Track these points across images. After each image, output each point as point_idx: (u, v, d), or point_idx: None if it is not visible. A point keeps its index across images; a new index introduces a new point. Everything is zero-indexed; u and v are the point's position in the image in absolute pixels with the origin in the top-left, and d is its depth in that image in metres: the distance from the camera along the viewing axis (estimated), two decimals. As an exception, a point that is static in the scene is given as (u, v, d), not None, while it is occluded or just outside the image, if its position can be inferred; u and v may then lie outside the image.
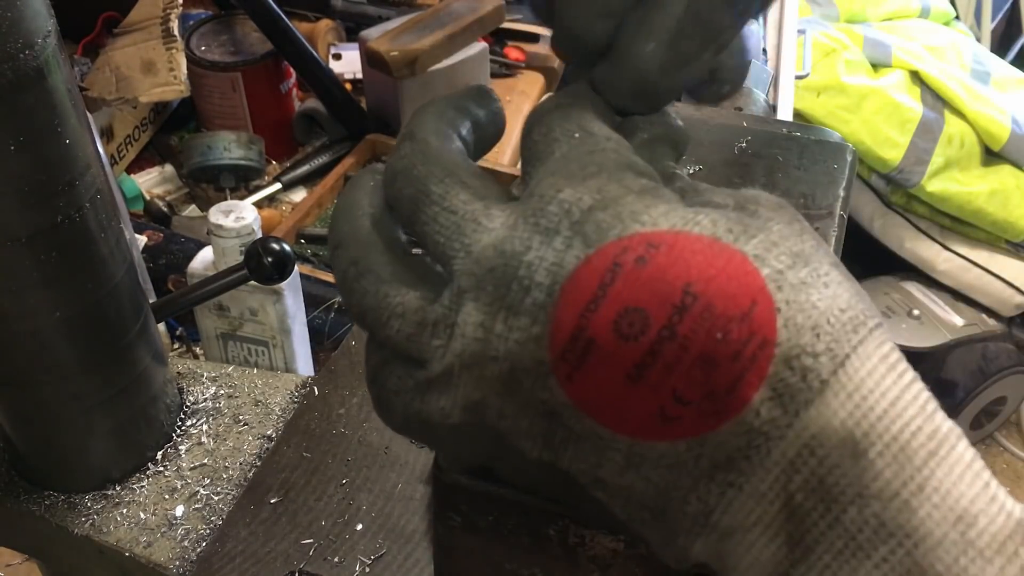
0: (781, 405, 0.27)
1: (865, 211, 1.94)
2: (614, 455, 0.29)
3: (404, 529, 0.57)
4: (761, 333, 0.27)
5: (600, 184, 0.29)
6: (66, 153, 0.51)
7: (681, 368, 0.27)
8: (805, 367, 0.27)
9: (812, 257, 0.29)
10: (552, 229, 0.29)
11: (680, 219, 0.28)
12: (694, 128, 0.68)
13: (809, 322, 0.27)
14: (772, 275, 0.28)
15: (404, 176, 0.32)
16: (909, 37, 1.94)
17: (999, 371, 1.93)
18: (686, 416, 0.28)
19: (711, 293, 0.27)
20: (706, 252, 0.28)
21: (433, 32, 1.53)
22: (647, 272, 0.28)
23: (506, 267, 0.29)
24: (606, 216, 0.29)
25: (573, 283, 0.28)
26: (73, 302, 0.55)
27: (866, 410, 0.27)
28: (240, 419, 0.67)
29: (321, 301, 1.27)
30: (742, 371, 0.27)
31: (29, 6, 0.46)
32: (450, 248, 0.30)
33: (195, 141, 1.56)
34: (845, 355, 0.27)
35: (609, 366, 0.28)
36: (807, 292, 0.28)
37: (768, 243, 0.28)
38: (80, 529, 0.61)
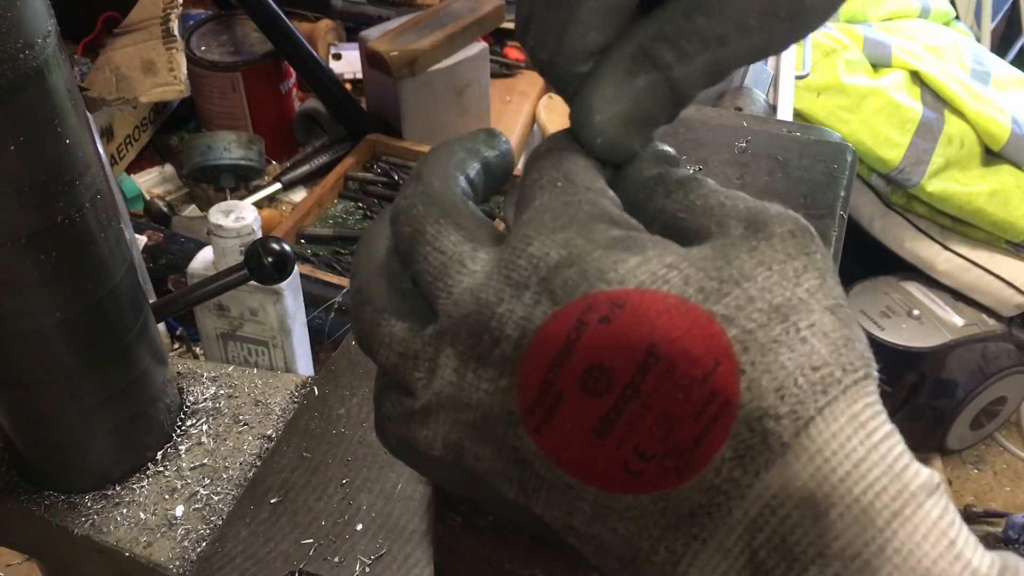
0: (742, 465, 0.28)
1: (865, 211, 1.94)
2: (583, 504, 0.30)
3: (404, 529, 0.57)
4: (723, 395, 0.28)
5: (568, 238, 0.30)
6: (66, 153, 0.51)
7: (644, 425, 0.28)
8: (767, 429, 0.28)
9: (797, 308, 0.29)
10: (522, 283, 0.30)
11: (648, 276, 0.29)
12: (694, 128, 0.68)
13: (774, 384, 0.28)
14: (739, 335, 0.28)
15: (405, 215, 0.33)
16: (909, 37, 1.94)
17: (999, 371, 1.93)
18: (649, 471, 0.28)
19: (673, 354, 0.28)
20: (671, 312, 0.28)
21: (433, 32, 1.53)
22: (611, 331, 0.28)
23: (479, 315, 0.30)
24: (572, 273, 0.29)
25: (541, 338, 0.29)
26: (73, 302, 0.55)
27: (828, 472, 0.27)
28: (240, 419, 0.67)
29: (321, 301, 1.27)
30: (703, 431, 0.28)
31: (29, 6, 0.46)
32: (435, 287, 0.32)
33: (195, 141, 1.56)
34: (809, 417, 0.28)
35: (576, 420, 0.29)
36: (776, 352, 0.28)
37: (744, 299, 0.29)
38: (80, 529, 0.61)
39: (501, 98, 1.75)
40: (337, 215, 1.55)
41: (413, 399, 0.32)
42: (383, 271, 0.34)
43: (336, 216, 1.55)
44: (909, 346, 1.87)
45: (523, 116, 1.73)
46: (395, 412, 0.33)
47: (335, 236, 1.49)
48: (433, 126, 1.62)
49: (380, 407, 0.34)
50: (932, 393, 1.93)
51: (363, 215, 1.54)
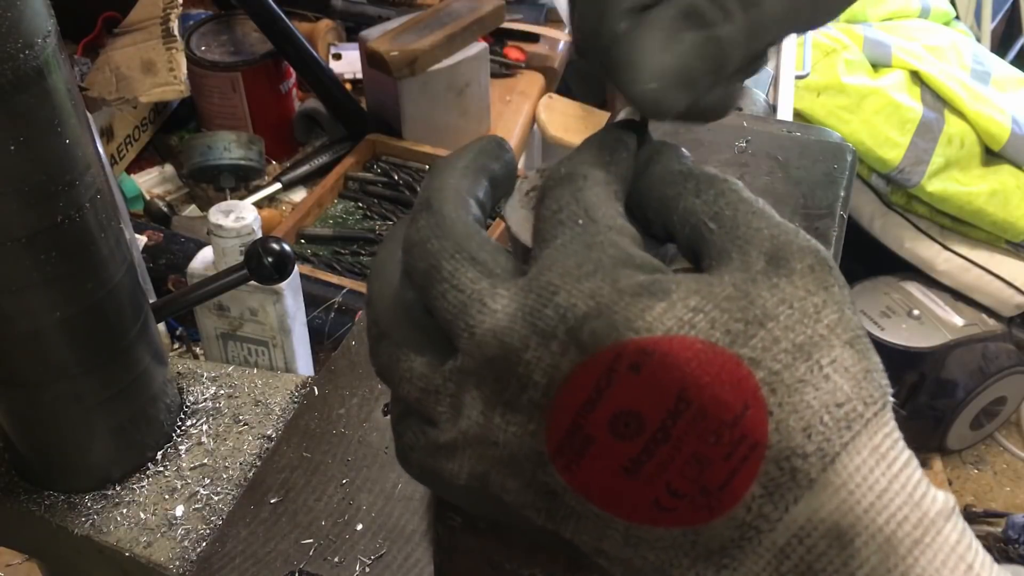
0: (771, 501, 0.29)
1: (865, 211, 1.94)
2: (614, 534, 0.31)
3: (404, 529, 0.57)
4: (752, 436, 0.29)
5: (594, 288, 0.30)
6: (66, 153, 0.51)
7: (675, 466, 0.29)
8: (795, 468, 0.29)
9: (819, 345, 0.30)
10: (549, 332, 0.30)
11: (675, 322, 0.29)
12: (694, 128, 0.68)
13: (801, 424, 0.29)
14: (766, 378, 0.29)
15: (419, 249, 0.33)
16: (909, 37, 1.93)
17: (999, 371, 1.93)
18: (680, 507, 0.29)
19: (703, 399, 0.29)
20: (699, 358, 0.29)
21: (433, 32, 1.53)
22: (641, 379, 0.29)
23: (506, 360, 0.30)
24: (600, 324, 0.29)
25: (570, 386, 0.30)
26: (73, 302, 0.55)
27: (852, 504, 0.28)
28: (240, 419, 0.67)
29: (321, 301, 1.27)
30: (734, 470, 0.29)
31: (29, 6, 0.46)
32: (455, 325, 0.32)
33: (195, 141, 1.56)
34: (835, 453, 0.29)
35: (605, 460, 0.30)
36: (802, 392, 0.29)
37: (769, 340, 0.29)
38: (80, 529, 0.61)
39: (501, 98, 1.75)
40: (337, 215, 1.55)
41: (437, 431, 0.33)
42: (399, 302, 0.34)
43: (336, 216, 1.55)
44: (909, 346, 1.87)
45: (523, 116, 1.73)
46: (418, 443, 0.34)
47: (335, 236, 1.48)
48: (433, 126, 1.62)
49: (401, 436, 0.35)
50: (932, 393, 1.92)
51: (363, 215, 1.54)
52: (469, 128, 1.66)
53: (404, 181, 1.56)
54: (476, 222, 0.34)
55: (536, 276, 0.31)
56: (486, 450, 0.32)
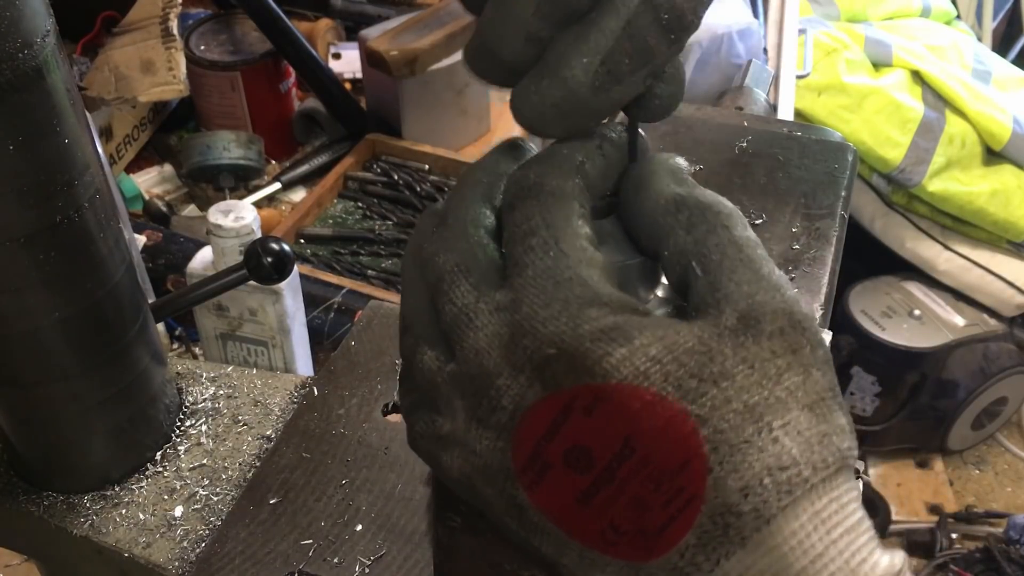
0: (704, 552, 0.30)
1: (866, 211, 1.94)
2: (571, 552, 0.33)
3: (404, 529, 0.57)
4: (691, 489, 0.30)
5: (557, 332, 0.32)
6: (65, 153, 0.50)
7: (618, 504, 0.31)
8: (728, 524, 0.30)
9: (773, 407, 0.31)
10: (519, 366, 0.32)
11: (631, 372, 0.31)
12: (695, 128, 0.68)
13: (739, 484, 0.30)
14: (711, 436, 0.30)
15: (431, 264, 0.36)
16: (910, 36, 1.93)
17: (1000, 371, 1.93)
18: (622, 543, 0.31)
19: (648, 448, 0.30)
20: (648, 409, 0.30)
21: (433, 31, 1.53)
22: (592, 421, 0.31)
23: (482, 381, 0.33)
24: (560, 367, 0.31)
25: (532, 415, 0.32)
26: (72, 302, 0.54)
27: (785, 566, 0.30)
28: (239, 419, 0.67)
29: (321, 301, 1.27)
30: (671, 518, 0.30)
31: (28, 5, 0.46)
32: (452, 336, 0.34)
33: (194, 141, 1.55)
34: (771, 515, 0.30)
35: (561, 487, 0.32)
36: (744, 453, 0.30)
37: (720, 399, 0.30)
38: (79, 530, 0.61)
39: (501, 98, 1.75)
40: (337, 215, 1.55)
41: (440, 422, 0.35)
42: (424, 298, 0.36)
43: (336, 216, 1.55)
44: (910, 346, 1.87)
45: (523, 116, 1.73)
46: (425, 431, 0.36)
47: (334, 236, 1.48)
48: (433, 126, 1.62)
49: (413, 424, 0.37)
50: (933, 393, 1.92)
51: (362, 215, 1.54)
52: (469, 128, 1.66)
53: (404, 181, 1.56)
54: (484, 234, 0.35)
55: (512, 310, 0.33)
56: (469, 455, 0.34)
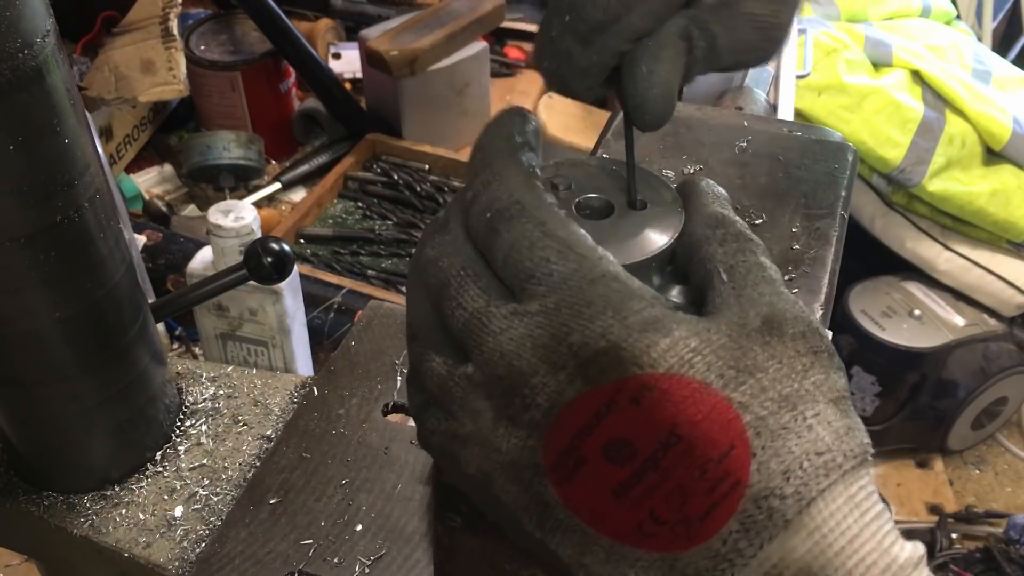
0: (747, 537, 0.31)
1: (866, 211, 1.94)
2: (597, 550, 0.33)
3: (404, 529, 0.57)
4: (735, 474, 0.31)
5: (606, 327, 0.32)
6: (65, 153, 0.50)
7: (660, 493, 0.31)
8: (772, 507, 0.31)
9: (804, 398, 0.32)
10: (560, 364, 0.33)
11: (676, 360, 0.32)
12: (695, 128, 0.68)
13: (781, 467, 0.31)
14: (753, 422, 0.31)
15: (433, 266, 0.36)
16: (910, 36, 1.93)
17: (1000, 371, 1.93)
18: (661, 533, 0.32)
19: (694, 436, 0.31)
20: (694, 397, 0.31)
21: (433, 31, 1.53)
22: (639, 412, 0.31)
23: (513, 381, 0.33)
24: (608, 360, 0.32)
25: (571, 411, 0.32)
26: (72, 302, 0.54)
27: (824, 547, 0.31)
28: (239, 419, 0.67)
29: (321, 301, 1.27)
30: (714, 504, 0.31)
31: (28, 5, 0.46)
32: (464, 340, 0.35)
33: (194, 141, 1.55)
34: (812, 498, 0.31)
35: (596, 481, 0.32)
36: (784, 438, 0.31)
37: (757, 388, 0.32)
38: (79, 530, 0.61)
39: (501, 98, 1.75)
40: (336, 215, 1.55)
41: (455, 423, 0.35)
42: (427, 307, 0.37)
43: (335, 216, 1.55)
44: (910, 346, 1.87)
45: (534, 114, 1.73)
46: (439, 428, 0.36)
47: (334, 236, 1.48)
48: (433, 126, 1.62)
49: (424, 422, 0.37)
50: (933, 393, 1.92)
51: (362, 215, 1.54)
52: (469, 128, 1.66)
53: (404, 181, 1.56)
54: None
55: (546, 313, 0.33)
56: (491, 453, 0.34)
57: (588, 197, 0.40)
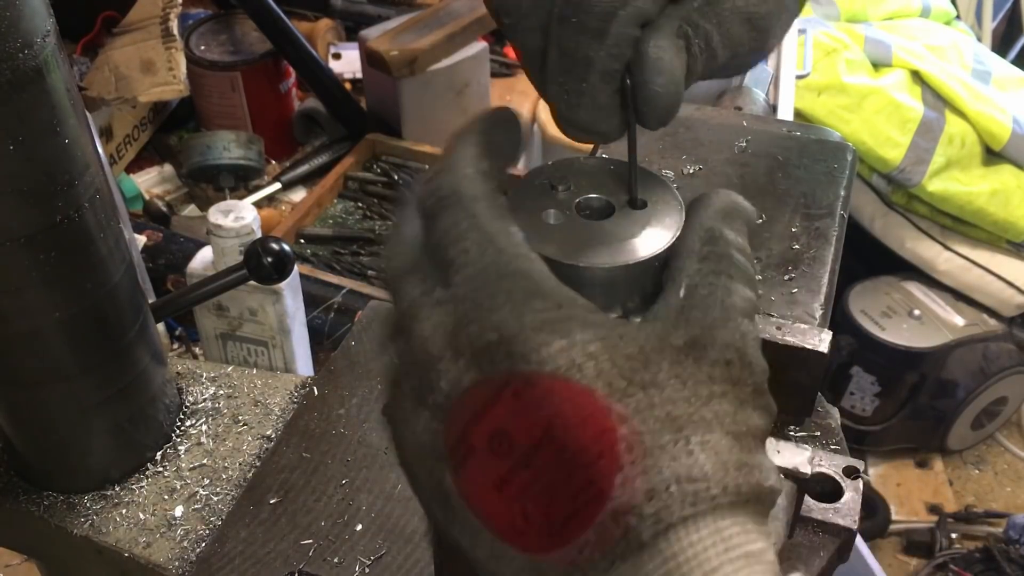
0: (601, 551, 0.31)
1: (866, 211, 1.94)
2: (483, 543, 0.33)
3: (404, 529, 0.57)
4: (599, 484, 0.31)
5: (501, 320, 0.33)
6: (65, 153, 0.50)
7: (532, 491, 0.32)
8: (628, 525, 0.30)
9: (695, 424, 0.32)
10: (459, 352, 0.33)
11: (566, 362, 0.32)
12: (694, 127, 0.68)
13: (646, 485, 0.30)
14: (628, 435, 0.31)
15: (384, 271, 0.38)
16: (910, 36, 1.93)
17: (1000, 371, 1.93)
18: (529, 532, 0.32)
19: (566, 438, 0.31)
20: (574, 401, 0.31)
21: (433, 32, 1.53)
22: (519, 406, 0.32)
23: (424, 363, 0.34)
24: (499, 352, 0.33)
25: (465, 398, 0.33)
26: (72, 302, 0.55)
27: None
28: (239, 419, 0.67)
29: (321, 301, 1.27)
30: (576, 511, 0.31)
31: (28, 5, 0.46)
32: (401, 331, 0.36)
33: (194, 141, 1.55)
34: (671, 523, 0.30)
35: (483, 471, 0.33)
36: (656, 458, 0.31)
37: (645, 403, 0.31)
38: (79, 529, 0.61)
39: (501, 98, 1.75)
40: (337, 215, 1.55)
41: (397, 401, 0.36)
42: None
43: (336, 216, 1.55)
44: (910, 346, 1.87)
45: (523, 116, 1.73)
46: (391, 404, 0.37)
47: (334, 236, 1.48)
48: (433, 126, 1.62)
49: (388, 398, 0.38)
50: (933, 393, 1.92)
51: (362, 215, 1.54)
52: (469, 128, 1.66)
53: (404, 181, 1.56)
54: None
55: (457, 301, 0.34)
56: (410, 433, 0.35)
57: (589, 197, 0.40)
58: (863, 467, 0.49)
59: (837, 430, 0.54)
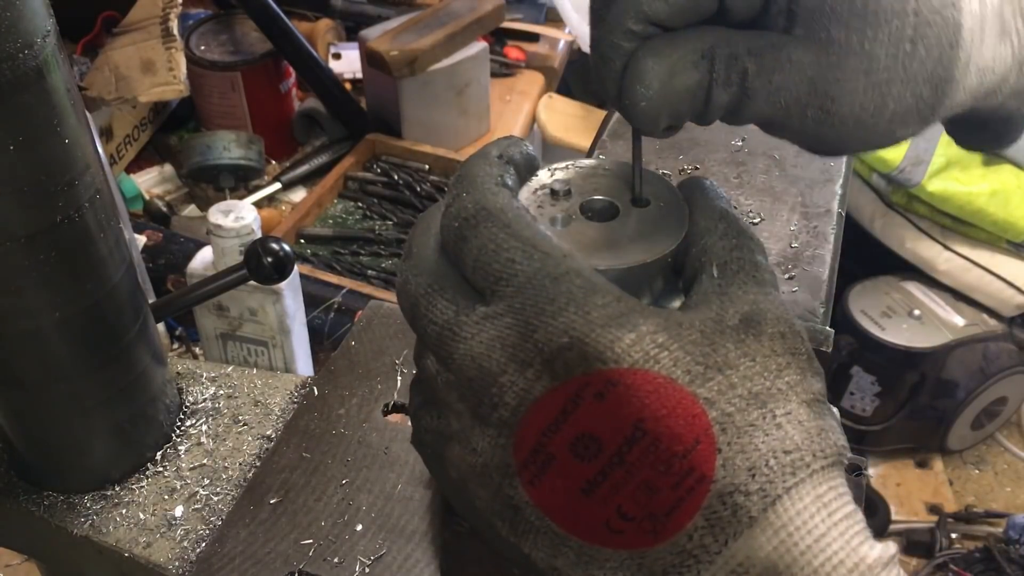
0: (712, 534, 0.31)
1: (866, 211, 1.94)
2: (567, 551, 0.33)
3: (404, 529, 0.57)
4: (700, 469, 0.31)
5: (568, 322, 0.32)
6: (65, 153, 0.50)
7: (626, 489, 0.32)
8: (737, 504, 0.31)
9: (775, 397, 0.32)
10: (527, 362, 0.33)
11: (641, 355, 0.32)
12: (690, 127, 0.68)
13: (747, 463, 0.31)
14: (719, 418, 0.31)
15: (403, 290, 0.37)
16: (909, 36, 1.93)
17: (1000, 371, 1.93)
18: (628, 530, 0.32)
19: (658, 431, 0.31)
20: (659, 392, 0.31)
21: (433, 32, 1.53)
22: (604, 407, 0.31)
23: (483, 382, 0.34)
24: (573, 356, 0.32)
25: (538, 407, 0.33)
26: (72, 302, 0.55)
27: (790, 545, 0.31)
28: (239, 419, 0.67)
29: (321, 301, 1.27)
30: (679, 500, 0.31)
31: (28, 5, 0.46)
32: (439, 353, 0.35)
33: (194, 141, 1.55)
34: (777, 495, 0.31)
35: (565, 478, 0.32)
36: (751, 435, 0.31)
37: (726, 385, 0.32)
38: (79, 529, 0.61)
39: (501, 98, 1.75)
40: (337, 215, 1.55)
41: (444, 421, 0.36)
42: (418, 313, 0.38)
43: (336, 216, 1.55)
44: (910, 346, 1.87)
45: (523, 116, 1.73)
46: (431, 426, 0.37)
47: (335, 236, 1.48)
48: (433, 126, 1.62)
49: (420, 419, 0.38)
50: (933, 393, 1.92)
51: (363, 215, 1.54)
52: (469, 128, 1.66)
53: (404, 181, 1.56)
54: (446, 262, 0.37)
55: (513, 313, 0.34)
56: (468, 453, 0.34)
57: (591, 199, 0.40)
58: (865, 465, 0.49)
59: (837, 429, 0.54)
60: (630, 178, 0.40)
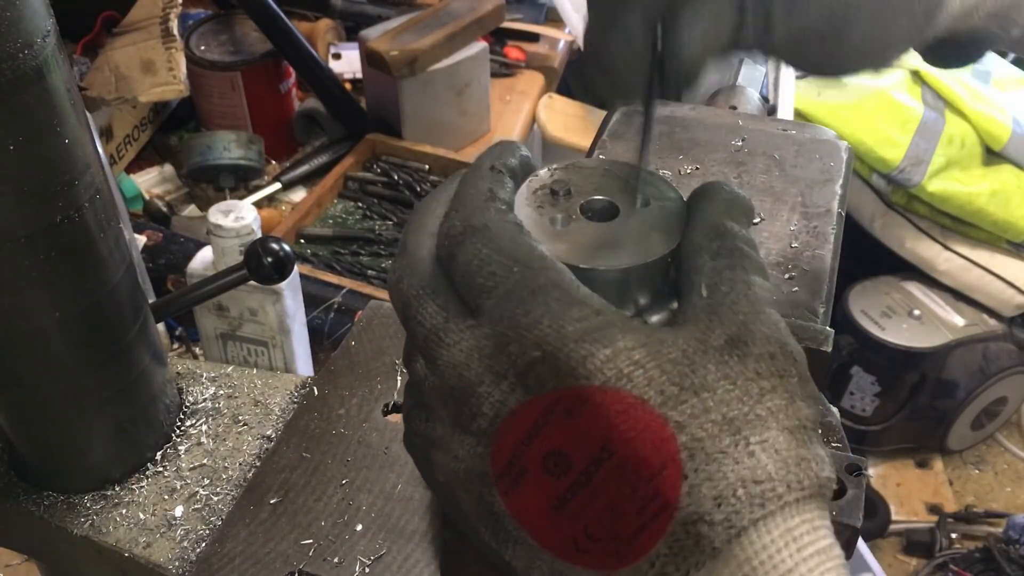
0: (675, 563, 0.30)
1: (866, 211, 1.94)
2: (541, 564, 0.33)
3: (404, 529, 0.57)
4: (664, 496, 0.30)
5: (541, 336, 0.32)
6: (65, 153, 0.50)
7: (593, 509, 0.31)
8: (700, 533, 0.30)
9: (752, 423, 0.31)
10: (501, 374, 0.33)
11: (614, 374, 0.31)
12: (690, 127, 0.68)
13: (713, 492, 0.30)
14: (688, 443, 0.30)
15: (395, 289, 0.37)
16: (909, 37, 1.93)
17: (1000, 371, 1.93)
18: (594, 551, 0.31)
19: (624, 454, 0.30)
20: (628, 413, 0.30)
21: (433, 32, 1.53)
22: (573, 424, 0.31)
23: (462, 391, 0.34)
24: (545, 370, 0.32)
25: (513, 420, 0.32)
26: (72, 302, 0.55)
27: None
28: (240, 419, 0.67)
29: (321, 301, 1.27)
30: (643, 526, 0.30)
31: (28, 5, 0.46)
32: (426, 355, 0.36)
33: (195, 141, 1.55)
34: (743, 527, 0.30)
35: (537, 493, 0.32)
36: (720, 463, 0.30)
37: (700, 408, 0.31)
38: (79, 529, 0.61)
39: (501, 98, 1.75)
40: (337, 215, 1.55)
41: (431, 425, 0.36)
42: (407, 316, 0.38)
43: (336, 216, 1.55)
44: (910, 346, 1.87)
45: (523, 116, 1.73)
46: (420, 429, 0.37)
47: (335, 236, 1.48)
48: (433, 126, 1.62)
49: (410, 422, 0.38)
50: (933, 393, 1.92)
51: (363, 215, 1.54)
52: (469, 128, 1.66)
53: (404, 181, 1.56)
54: None
55: (492, 323, 0.34)
56: (451, 460, 0.34)
57: (591, 199, 0.40)
58: (865, 465, 0.49)
59: (838, 428, 0.54)
60: (630, 178, 0.40)
